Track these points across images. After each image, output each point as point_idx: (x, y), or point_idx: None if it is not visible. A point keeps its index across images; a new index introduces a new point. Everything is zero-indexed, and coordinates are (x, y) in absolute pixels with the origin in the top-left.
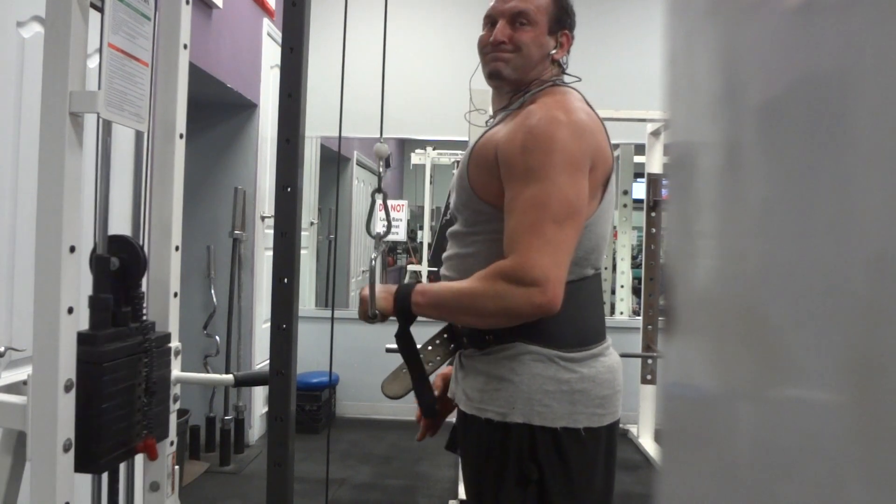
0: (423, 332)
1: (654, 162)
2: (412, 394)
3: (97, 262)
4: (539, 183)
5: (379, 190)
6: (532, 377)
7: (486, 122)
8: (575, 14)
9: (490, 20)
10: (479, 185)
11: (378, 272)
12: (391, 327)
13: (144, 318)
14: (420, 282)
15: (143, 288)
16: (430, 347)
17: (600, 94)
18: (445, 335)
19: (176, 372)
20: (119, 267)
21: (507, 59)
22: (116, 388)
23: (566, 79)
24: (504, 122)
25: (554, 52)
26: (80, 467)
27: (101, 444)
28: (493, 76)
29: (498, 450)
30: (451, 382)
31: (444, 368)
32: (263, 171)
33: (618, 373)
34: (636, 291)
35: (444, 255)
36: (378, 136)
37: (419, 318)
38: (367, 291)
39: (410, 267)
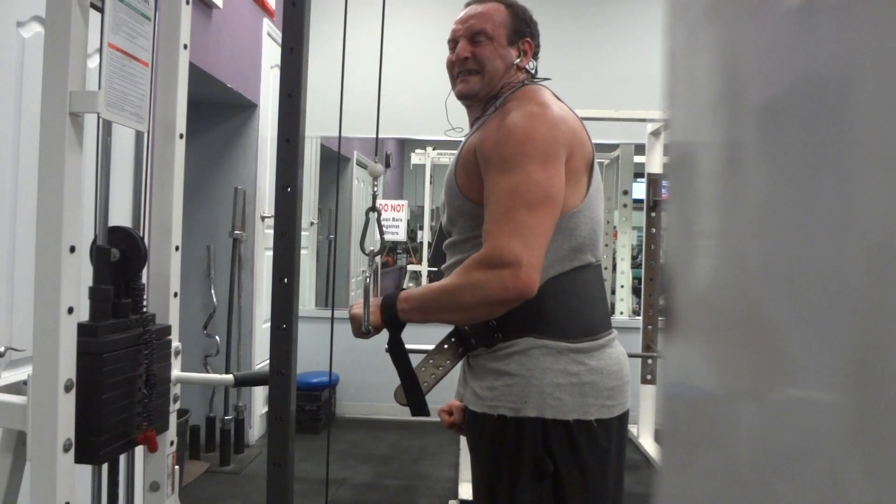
0: (425, 331)
1: (654, 162)
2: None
3: (97, 253)
4: (512, 172)
5: (373, 209)
6: (543, 371)
7: (464, 136)
8: (536, 23)
9: (452, 43)
10: (467, 187)
11: (371, 289)
12: None
13: (144, 310)
14: (418, 283)
15: (143, 281)
16: (438, 352)
17: (600, 94)
18: (453, 339)
19: (176, 372)
20: (119, 258)
21: (473, 80)
22: (116, 380)
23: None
24: (482, 127)
25: (518, 60)
26: (79, 458)
27: (100, 436)
28: (462, 96)
29: (512, 445)
30: (459, 385)
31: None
32: (263, 171)
33: (624, 364)
34: (636, 291)
35: (445, 265)
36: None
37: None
38: (355, 310)
39: (410, 267)
